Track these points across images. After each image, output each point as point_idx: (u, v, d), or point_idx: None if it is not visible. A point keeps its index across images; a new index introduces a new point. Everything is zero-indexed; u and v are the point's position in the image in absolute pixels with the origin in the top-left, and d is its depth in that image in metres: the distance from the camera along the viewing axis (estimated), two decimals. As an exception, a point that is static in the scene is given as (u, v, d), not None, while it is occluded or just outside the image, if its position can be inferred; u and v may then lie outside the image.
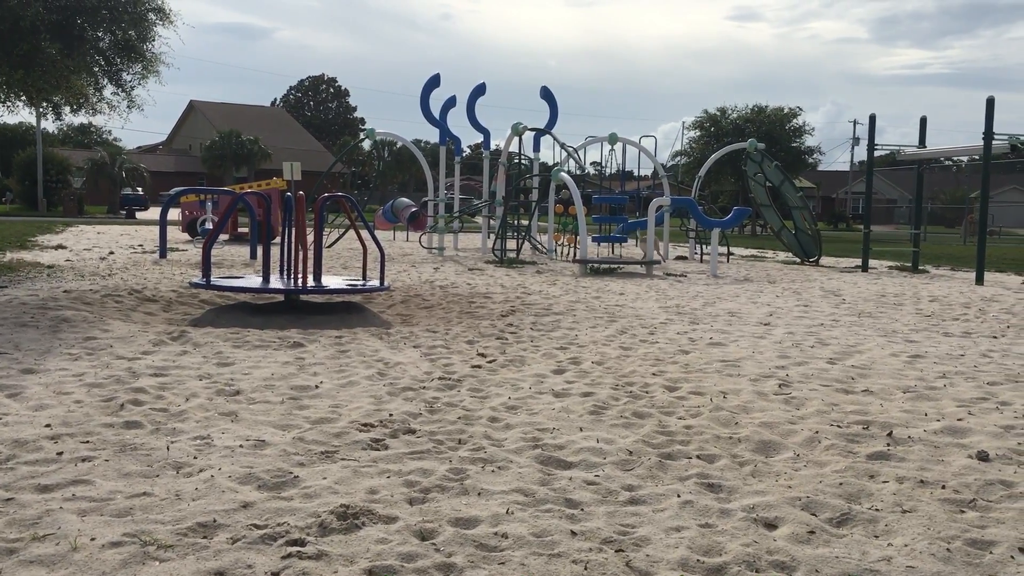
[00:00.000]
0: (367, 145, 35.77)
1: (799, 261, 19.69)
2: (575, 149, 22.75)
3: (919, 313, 10.00)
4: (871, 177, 18.71)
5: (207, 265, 8.78)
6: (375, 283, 9.28)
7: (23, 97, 13.64)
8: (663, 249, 19.31)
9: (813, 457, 4.15)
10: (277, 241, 12.46)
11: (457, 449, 4.13)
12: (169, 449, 3.97)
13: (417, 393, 5.27)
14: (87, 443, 4.03)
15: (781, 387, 5.64)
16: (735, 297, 11.43)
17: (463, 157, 23.25)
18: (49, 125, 40.00)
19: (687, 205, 18.57)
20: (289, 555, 2.85)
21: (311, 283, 8.76)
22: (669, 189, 22.23)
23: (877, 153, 17.88)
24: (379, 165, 40.68)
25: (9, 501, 3.26)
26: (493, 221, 20.26)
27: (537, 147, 21.49)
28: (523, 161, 21.83)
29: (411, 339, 7.27)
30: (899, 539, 3.13)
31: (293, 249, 8.96)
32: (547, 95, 21.87)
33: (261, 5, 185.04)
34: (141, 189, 48.42)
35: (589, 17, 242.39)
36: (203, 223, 21.27)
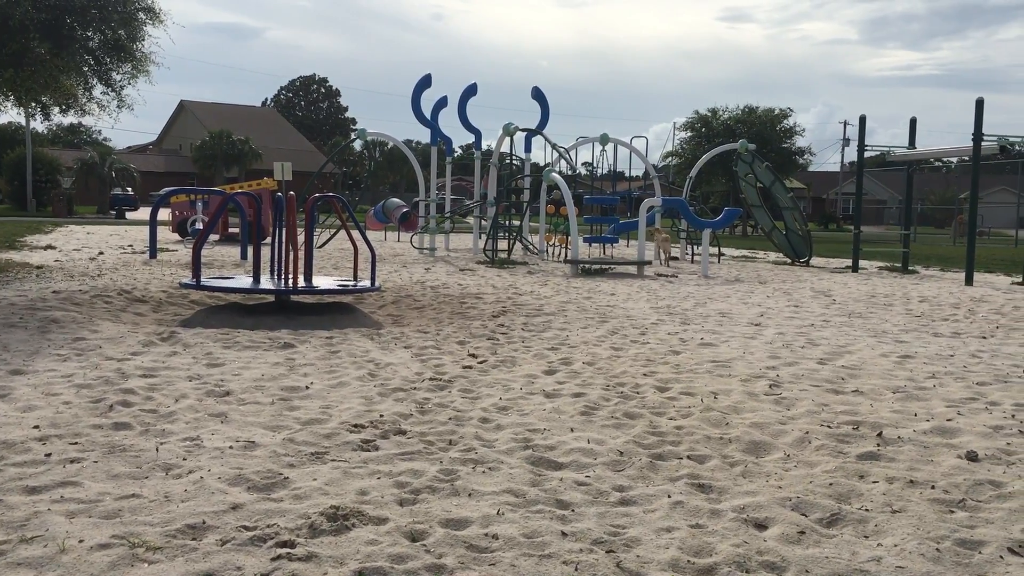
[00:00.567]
0: (358, 145, 35.73)
1: (790, 262, 19.74)
2: (566, 149, 22.75)
3: (909, 313, 10.04)
4: (861, 178, 18.76)
5: (197, 265, 8.75)
6: (366, 284, 9.26)
7: (12, 97, 13.58)
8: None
9: (803, 457, 4.16)
10: (268, 241, 12.44)
11: (448, 450, 4.13)
12: (158, 450, 3.95)
13: (408, 394, 5.26)
14: (76, 444, 4.01)
15: (771, 387, 5.65)
16: (726, 298, 11.45)
17: (454, 157, 23.14)
18: (38, 125, 39.84)
19: (678, 206, 18.60)
20: (279, 557, 2.84)
21: (302, 284, 8.75)
22: (660, 190, 22.27)
23: (867, 154, 17.94)
24: (370, 165, 40.60)
25: (-4, 503, 3.24)
26: (484, 222, 20.25)
27: (528, 147, 21.47)
28: (514, 161, 21.82)
29: (402, 340, 7.26)
30: (889, 539, 3.14)
31: (284, 249, 8.94)
32: (538, 95, 21.87)
33: (252, 5, 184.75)
34: (131, 189, 48.21)
35: (580, 18, 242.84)
36: (193, 223, 21.21)
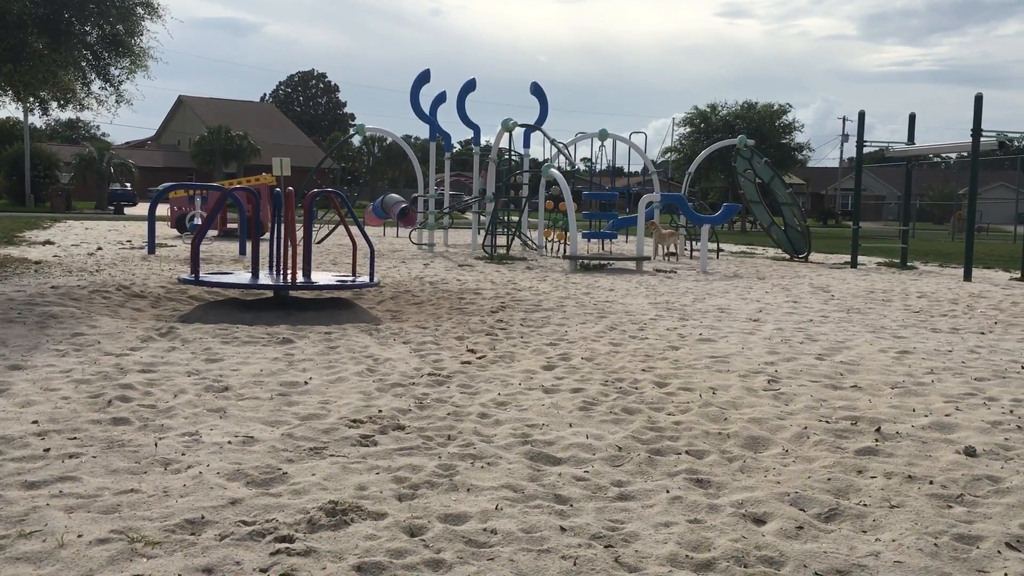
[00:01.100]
0: (357, 141, 35.68)
1: (788, 257, 19.75)
2: (565, 145, 22.74)
3: (907, 309, 10.05)
4: (860, 174, 18.76)
5: (196, 261, 8.75)
6: (365, 279, 9.26)
7: (10, 92, 13.55)
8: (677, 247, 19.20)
9: (802, 453, 4.16)
10: (266, 237, 12.43)
11: (446, 445, 4.13)
12: (157, 445, 3.96)
13: (407, 389, 5.26)
14: (74, 439, 4.01)
15: (770, 383, 5.65)
16: (724, 293, 11.45)
17: (453, 153, 23.11)
18: (36, 120, 39.86)
19: (677, 201, 18.59)
20: (278, 552, 2.84)
21: (300, 279, 8.74)
22: (659, 185, 22.25)
23: (866, 150, 17.96)
24: (369, 161, 40.58)
25: (-5, 498, 3.24)
26: (483, 217, 20.24)
27: (527, 143, 21.46)
28: (513, 157, 21.81)
29: (401, 335, 7.26)
30: (887, 534, 3.14)
31: (282, 245, 8.93)
32: (537, 91, 21.84)
33: (250, 0, 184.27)
34: (129, 185, 48.10)
35: (579, 13, 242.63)
36: (192, 219, 21.19)
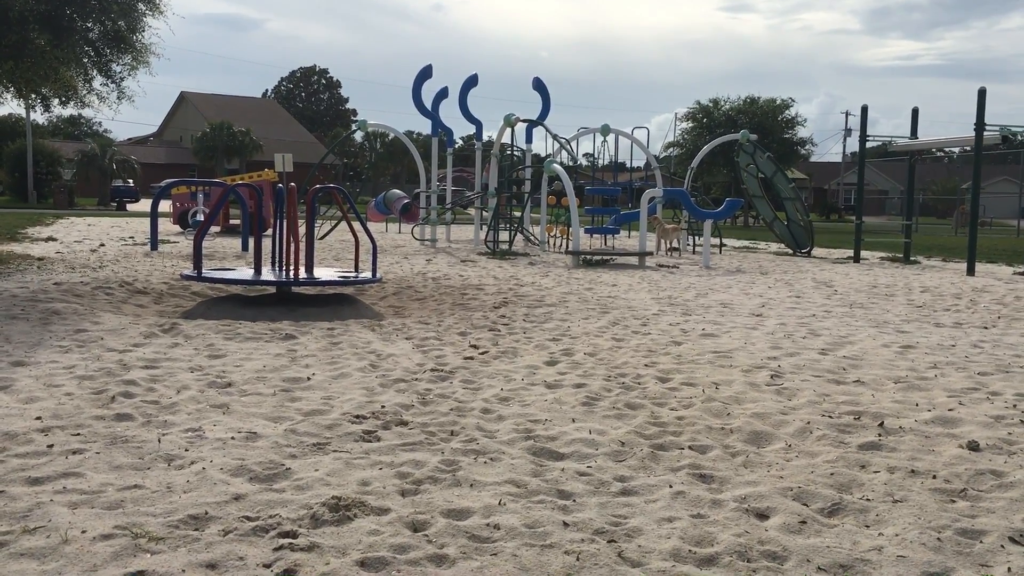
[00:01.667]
0: (359, 136, 35.67)
1: (791, 252, 19.73)
2: (567, 140, 22.70)
3: (910, 304, 10.04)
4: (863, 168, 18.72)
5: (198, 257, 8.75)
6: (367, 275, 9.26)
7: (12, 89, 13.56)
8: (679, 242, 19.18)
9: (805, 447, 4.16)
10: (269, 233, 12.43)
11: (449, 441, 4.13)
12: (160, 441, 3.96)
13: (409, 385, 5.27)
14: (78, 435, 4.01)
15: (773, 378, 5.65)
16: (727, 288, 11.44)
17: (455, 148, 23.09)
18: (39, 117, 39.80)
19: (679, 196, 18.56)
20: (281, 547, 2.85)
21: (303, 275, 8.74)
22: (662, 180, 22.23)
23: (869, 144, 17.92)
24: (371, 156, 40.56)
25: (0, 494, 3.25)
26: (486, 213, 20.23)
27: (529, 138, 21.43)
28: (515, 152, 21.79)
29: (403, 331, 7.27)
30: (890, 529, 3.14)
31: (285, 241, 8.93)
32: (539, 86, 21.81)
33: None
34: (132, 181, 48.14)
35: (581, 8, 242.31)
36: (194, 215, 21.19)
